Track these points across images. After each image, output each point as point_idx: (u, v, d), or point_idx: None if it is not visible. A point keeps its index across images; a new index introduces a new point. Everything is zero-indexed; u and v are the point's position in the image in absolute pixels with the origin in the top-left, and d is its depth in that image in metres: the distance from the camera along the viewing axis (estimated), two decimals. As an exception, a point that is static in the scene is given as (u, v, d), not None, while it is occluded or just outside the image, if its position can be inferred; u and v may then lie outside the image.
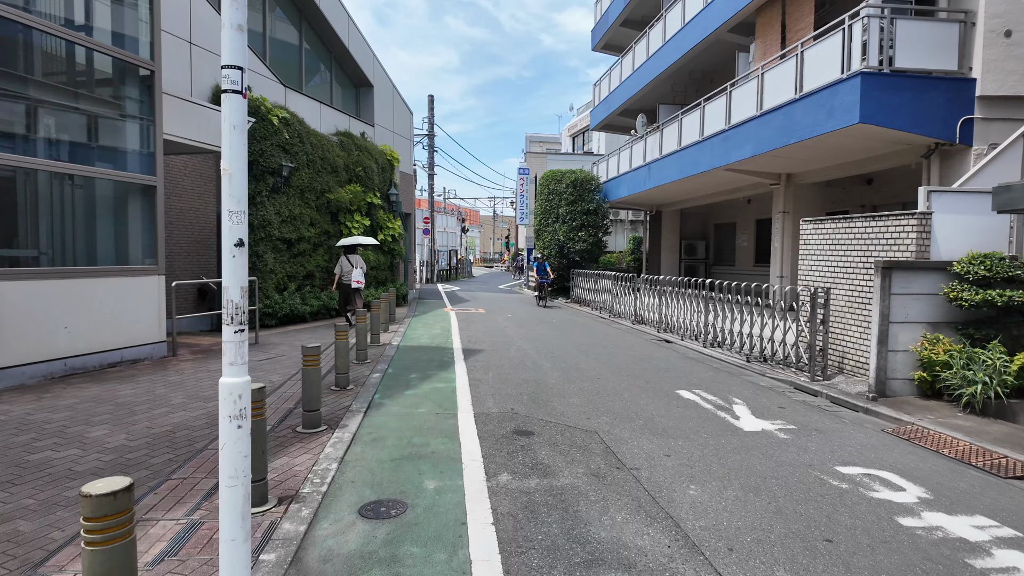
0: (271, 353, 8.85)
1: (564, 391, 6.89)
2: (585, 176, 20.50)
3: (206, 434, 4.99)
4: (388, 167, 16.65)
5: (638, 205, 21.12)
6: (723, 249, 20.89)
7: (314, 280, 13.26)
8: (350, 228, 14.28)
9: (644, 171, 17.07)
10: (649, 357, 9.50)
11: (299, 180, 12.44)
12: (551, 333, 12.07)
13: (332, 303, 13.31)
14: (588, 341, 11.07)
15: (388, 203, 16.65)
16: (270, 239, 11.52)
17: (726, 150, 12.58)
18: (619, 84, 20.21)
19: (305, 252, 12.83)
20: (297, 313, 12.12)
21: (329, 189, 13.52)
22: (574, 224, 20.21)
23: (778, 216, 13.75)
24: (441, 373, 7.81)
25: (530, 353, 9.48)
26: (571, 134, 37.29)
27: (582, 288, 19.04)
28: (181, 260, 10.79)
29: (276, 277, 11.87)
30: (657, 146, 16.29)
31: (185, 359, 8.09)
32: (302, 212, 12.57)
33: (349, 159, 14.56)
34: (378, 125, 17.58)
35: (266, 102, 11.53)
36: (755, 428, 5.63)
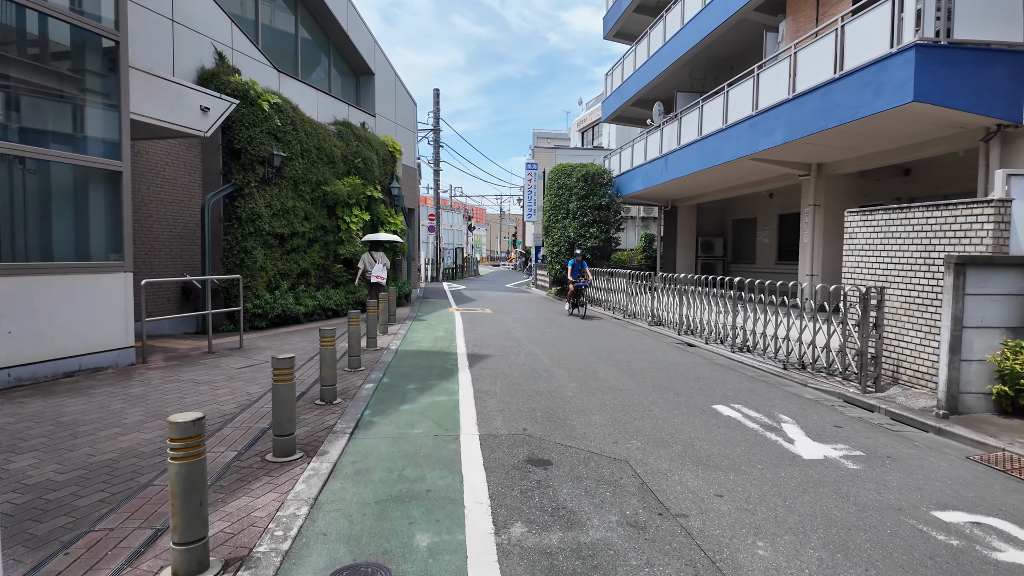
0: (255, 359, 7.99)
1: (584, 406, 5.98)
2: (597, 170, 19.55)
3: (156, 464, 4.12)
4: (390, 159, 15.78)
5: (653, 200, 20.16)
6: (742, 246, 19.88)
7: (309, 278, 12.40)
8: (348, 223, 13.42)
9: (660, 163, 16.11)
10: (673, 364, 8.57)
11: (292, 171, 11.58)
12: (563, 336, 11.16)
13: (328, 303, 12.45)
14: (604, 345, 10.15)
15: (390, 197, 15.78)
16: (260, 234, 10.66)
17: (753, 138, 11.61)
18: (633, 73, 19.24)
19: (299, 248, 11.98)
20: (290, 314, 11.26)
21: (325, 181, 12.65)
22: (585, 220, 19.27)
23: (807, 210, 12.77)
24: (443, 383, 6.91)
25: (542, 359, 8.57)
26: (580, 129, 36.31)
27: (593, 287, 18.10)
28: (163, 256, 9.95)
29: (267, 275, 11.01)
30: (675, 136, 15.32)
31: (156, 367, 7.23)
32: (295, 205, 11.71)
33: (347, 150, 13.70)
34: (379, 115, 16.70)
35: (256, 86, 10.66)
36: (816, 455, 4.69)
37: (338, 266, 13.43)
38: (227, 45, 10.81)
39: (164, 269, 9.95)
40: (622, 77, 20.48)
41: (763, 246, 18.27)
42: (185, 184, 10.34)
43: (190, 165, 10.40)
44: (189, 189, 10.41)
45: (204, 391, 6.18)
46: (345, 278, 13.69)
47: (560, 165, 21.37)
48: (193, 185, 10.48)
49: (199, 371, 7.09)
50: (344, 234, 13.35)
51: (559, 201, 20.66)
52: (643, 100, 19.80)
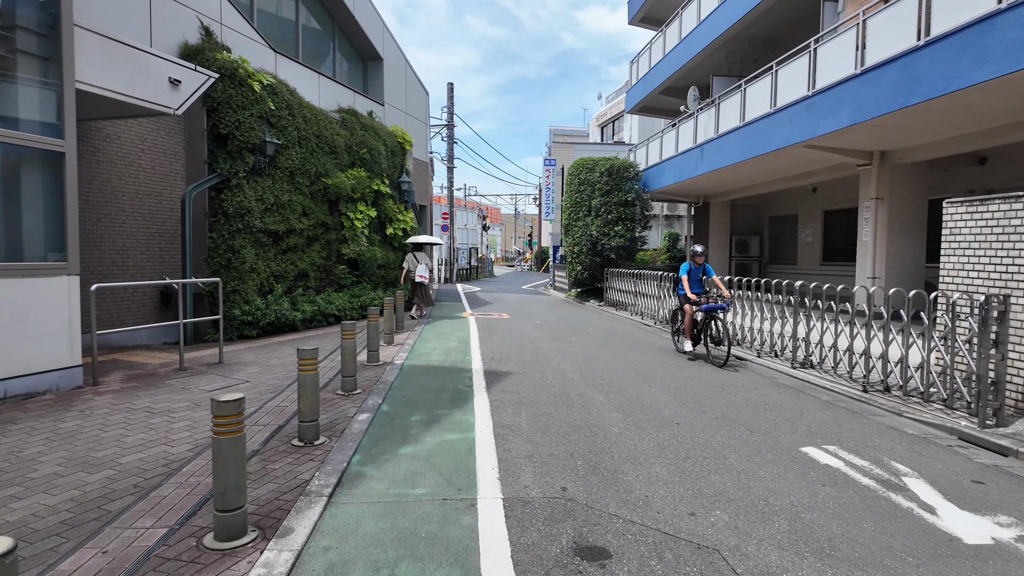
0: (234, 377, 6.74)
1: (637, 450, 4.63)
2: (622, 163, 18.15)
3: (51, 549, 2.86)
4: (399, 151, 14.53)
5: (682, 196, 18.72)
6: (780, 245, 18.37)
7: (308, 280, 11.17)
8: (352, 219, 12.18)
9: (695, 154, 14.68)
10: (730, 384, 7.18)
11: (288, 160, 10.36)
12: (591, 347, 9.80)
13: (330, 308, 11.22)
14: (642, 359, 8.77)
15: (399, 192, 14.54)
16: (249, 231, 9.44)
17: (810, 121, 10.17)
18: (662, 58, 17.82)
19: (296, 247, 10.75)
20: (285, 321, 10.04)
21: (326, 173, 11.43)
22: (609, 217, 17.87)
23: (868, 204, 11.28)
24: (455, 413, 5.60)
25: (572, 378, 7.23)
26: (600, 124, 34.89)
27: (617, 290, 16.71)
28: (138, 256, 8.77)
29: (258, 277, 9.79)
30: (712, 123, 13.89)
31: (108, 390, 6.01)
32: (292, 199, 10.49)
33: (352, 139, 12.47)
34: (388, 104, 15.47)
35: (246, 64, 9.45)
36: (979, 537, 3.31)
37: (341, 267, 12.20)
38: (215, 20, 9.62)
39: (140, 271, 8.77)
40: (649, 64, 19.06)
41: (805, 245, 16.75)
42: (165, 174, 9.15)
43: (171, 153, 9.22)
44: (170, 180, 9.23)
45: (157, 425, 4.93)
46: (349, 280, 12.46)
47: (581, 159, 20.00)
48: (175, 176, 9.30)
49: (160, 396, 5.85)
50: (348, 232, 12.12)
51: (580, 198, 19.29)
52: (672, 88, 18.36)
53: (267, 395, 6.04)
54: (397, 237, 14.12)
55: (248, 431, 4.76)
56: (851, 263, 14.94)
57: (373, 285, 13.32)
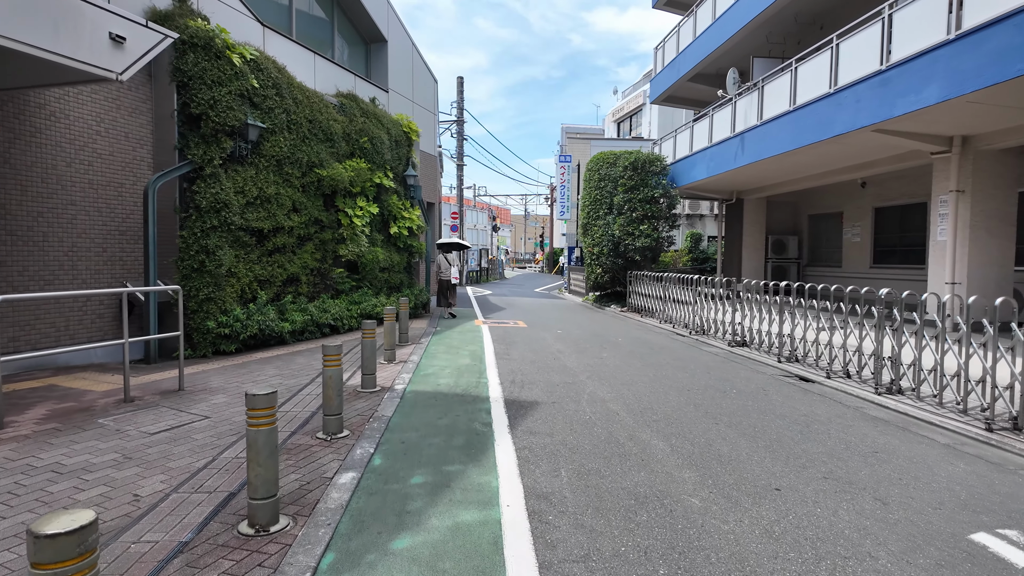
0: (189, 413, 5.35)
1: (739, 542, 3.15)
2: (648, 157, 16.66)
3: None
4: (404, 141, 13.14)
5: (714, 192, 17.20)
6: (821, 246, 16.80)
7: (299, 286, 9.78)
8: (350, 216, 10.78)
9: (733, 144, 13.18)
10: (813, 419, 5.69)
11: (275, 147, 8.98)
12: (628, 365, 8.33)
13: (324, 317, 9.83)
14: (692, 381, 7.30)
15: (404, 187, 13.14)
16: (227, 228, 8.06)
17: (883, 100, 8.66)
18: (692, 41, 16.32)
19: (285, 248, 9.36)
20: (271, 333, 8.65)
21: (321, 163, 10.04)
22: (633, 215, 16.39)
23: (946, 198, 9.73)
24: (470, 471, 4.15)
25: (615, 411, 5.77)
26: (616, 119, 33.37)
27: (642, 295, 15.22)
28: (92, 258, 7.41)
29: (239, 283, 8.41)
30: (755, 109, 12.39)
31: (14, 435, 4.61)
32: (279, 192, 9.10)
33: (351, 126, 11.08)
34: (393, 91, 14.08)
35: (225, 34, 8.08)
36: None
37: (338, 271, 10.81)
38: (190, -17, 8.26)
39: (95, 276, 7.41)
40: (677, 48, 17.56)
41: (852, 246, 15.18)
42: (127, 162, 7.79)
43: (135, 137, 7.86)
44: (133, 169, 7.87)
45: (60, 493, 3.53)
46: (348, 285, 11.06)
47: (602, 153, 18.54)
48: (139, 164, 7.93)
49: (82, 444, 4.45)
50: (346, 230, 10.73)
51: (600, 194, 17.86)
52: (703, 75, 16.86)
53: (226, 438, 4.63)
54: (402, 237, 12.72)
55: (184, 506, 3.35)
56: (909, 265, 13.38)
57: (375, 290, 11.93)
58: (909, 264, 13.39)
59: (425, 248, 14.30)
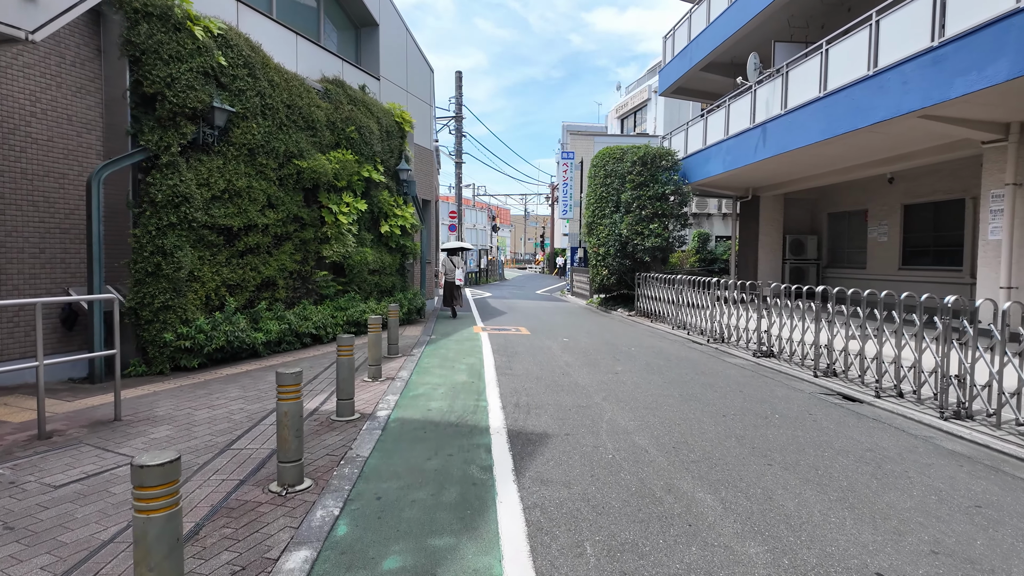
0: (118, 452, 4.31)
1: None
2: (658, 151, 15.64)
3: None
4: (397, 132, 12.11)
5: (728, 189, 16.17)
6: (842, 247, 15.77)
7: (276, 291, 8.74)
8: (335, 213, 9.75)
9: (753, 136, 12.15)
10: (882, 455, 4.67)
11: (247, 134, 7.95)
12: (648, 382, 7.30)
13: (305, 326, 8.80)
14: (724, 403, 6.26)
15: (397, 183, 12.11)
16: (188, 225, 7.03)
17: (936, 81, 7.64)
18: (705, 27, 15.29)
19: (259, 248, 8.33)
20: (242, 344, 7.62)
21: (300, 153, 9.00)
22: (643, 214, 15.35)
23: (999, 192, 8.71)
24: (464, 550, 3.11)
25: (644, 447, 4.74)
26: (620, 116, 32.34)
27: (652, 298, 14.19)
28: (26, 260, 6.37)
29: (203, 288, 7.38)
30: (777, 97, 11.36)
31: None
32: (252, 185, 8.07)
33: (336, 114, 10.04)
34: (385, 79, 13.06)
35: (186, 3, 7.05)
36: None
37: (322, 273, 9.77)
38: (147, -53, 7.22)
39: (29, 280, 6.37)
40: (688, 36, 16.53)
41: (878, 246, 14.16)
42: (71, 149, 6.76)
43: (81, 120, 6.83)
44: (79, 157, 6.84)
45: None
46: (333, 289, 10.03)
47: (608, 148, 17.51)
48: (86, 151, 6.90)
49: (-40, 501, 3.42)
50: (331, 229, 9.69)
51: (607, 192, 16.82)
52: (716, 64, 15.83)
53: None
54: (394, 236, 11.68)
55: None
56: (943, 267, 12.36)
57: (364, 295, 10.90)
58: (943, 266, 12.38)
59: (420, 248, 13.27)
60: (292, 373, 3.71)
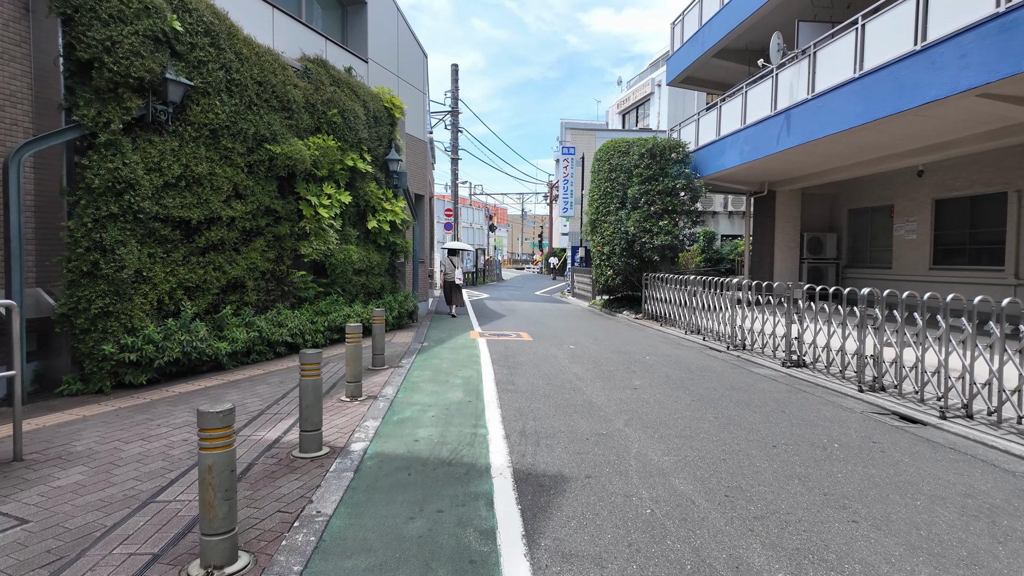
0: (9, 506, 3.26)
1: None
2: (667, 143, 14.62)
3: None
4: (386, 119, 11.05)
5: (742, 183, 15.16)
6: (864, 245, 14.78)
7: (245, 293, 7.68)
8: (315, 206, 8.69)
9: (775, 124, 11.14)
10: (989, 502, 3.65)
11: (208, 113, 6.89)
12: (673, 399, 6.27)
13: (279, 333, 7.76)
14: (771, 430, 5.23)
15: (386, 174, 11.05)
16: (133, 217, 5.97)
17: (1007, 52, 6.63)
18: (720, 9, 14.27)
19: (223, 244, 7.26)
20: (202, 356, 6.56)
21: (274, 137, 7.94)
22: (651, 210, 14.33)
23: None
24: None
25: (692, 498, 3.70)
26: (621, 111, 31.33)
27: (661, 300, 13.18)
28: (-68, 258, 5.30)
29: (154, 291, 6.32)
30: (804, 80, 10.36)
31: None
32: (215, 172, 7.00)
33: (317, 95, 8.99)
34: (373, 62, 12.00)
35: (132, -43, 5.99)
36: None
37: (299, 273, 8.71)
38: None
39: (-63, 282, 5.30)
40: (699, 21, 15.51)
41: (906, 244, 13.16)
42: (-9, 125, 5.69)
43: (3, 92, 5.75)
44: (0, 135, 5.76)
45: None
46: (312, 292, 8.98)
47: (612, 141, 16.52)
48: (11, 128, 5.83)
49: None
50: (310, 223, 8.64)
51: (612, 187, 15.82)
52: (729, 50, 14.82)
53: (17, 584, 2.55)
54: (383, 232, 10.62)
55: None
56: (981, 267, 11.39)
57: (349, 298, 9.84)
58: (981, 265, 11.39)
59: (412, 246, 12.21)
60: (219, 412, 2.65)
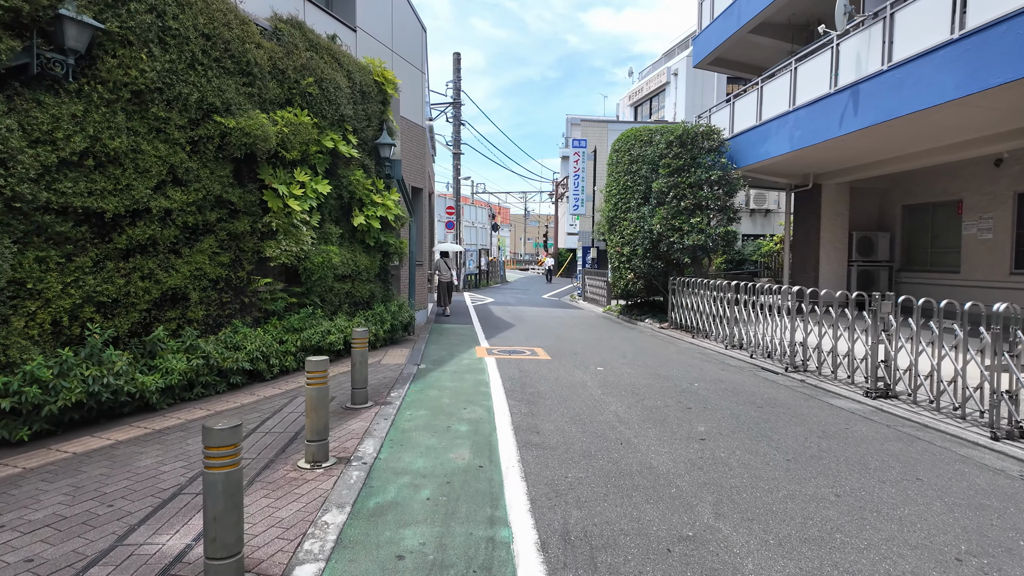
0: None
1: None
2: (701, 129, 12.88)
3: None
4: (376, 95, 9.32)
5: (781, 175, 13.42)
6: (922, 246, 13.04)
7: (187, 308, 5.94)
8: (283, 198, 6.95)
9: (838, 102, 9.40)
10: None
11: (130, 70, 5.16)
12: (765, 460, 4.52)
13: (232, 359, 6.03)
14: (925, 518, 3.48)
15: (377, 161, 9.33)
16: (6, 207, 4.25)
17: None
18: (761, -25, 12.53)
19: (155, 245, 5.53)
20: (119, 397, 4.84)
21: (227, 107, 6.20)
22: (681, 205, 12.60)
23: None
24: None
25: None
26: (632, 103, 29.58)
27: (692, 309, 11.45)
28: None
29: (47, 309, 4.60)
30: (877, 49, 8.62)
31: None
32: (141, 148, 5.27)
33: (288, 61, 7.26)
34: (363, 31, 10.27)
35: None
36: None
37: (264, 281, 6.98)
38: None
39: None
40: (735, -9, 13.76)
41: (978, 245, 11.41)
42: None
43: None
44: None
45: None
46: (282, 303, 7.25)
47: (633, 129, 14.79)
48: None
49: None
50: (277, 218, 6.90)
51: (632, 180, 14.09)
52: (770, 24, 13.09)
53: None
54: (372, 231, 8.89)
55: None
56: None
57: (330, 309, 8.12)
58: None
59: (408, 247, 10.48)
60: None
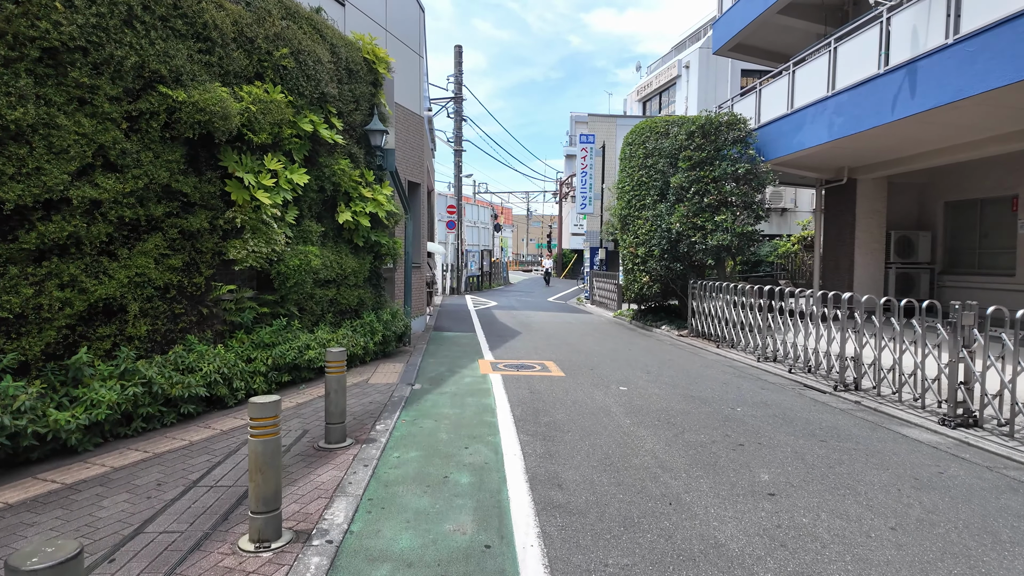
0: None
1: None
2: (726, 119, 11.77)
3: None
4: (365, 74, 8.21)
5: (813, 169, 12.29)
6: (967, 246, 11.91)
7: (125, 323, 4.83)
8: (251, 189, 5.85)
9: (889, 84, 8.28)
10: None
11: (40, 23, 4.07)
12: (857, 524, 3.40)
13: (181, 385, 4.92)
14: None
15: (366, 151, 8.23)
16: None
17: None
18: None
19: (79, 245, 4.42)
20: (16, 444, 3.74)
21: (177, 77, 5.10)
22: (704, 202, 11.49)
23: None
24: None
25: None
26: (641, 98, 28.43)
27: (715, 317, 10.35)
28: None
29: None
30: (938, 20, 7.51)
31: None
32: (55, 123, 4.18)
33: (258, 29, 6.16)
34: (351, 4, 9.18)
35: None
36: None
37: (227, 288, 5.87)
38: None
39: None
40: (761, -32, 12.65)
41: (1037, 245, 10.30)
42: None
43: None
44: None
45: None
46: (250, 314, 6.14)
47: (648, 121, 13.72)
48: None
49: None
50: (243, 213, 5.80)
51: (648, 176, 13.01)
52: (800, 4, 11.99)
53: None
54: (361, 229, 7.78)
55: None
56: None
57: (311, 320, 7.02)
58: None
59: (402, 247, 9.36)
60: None
